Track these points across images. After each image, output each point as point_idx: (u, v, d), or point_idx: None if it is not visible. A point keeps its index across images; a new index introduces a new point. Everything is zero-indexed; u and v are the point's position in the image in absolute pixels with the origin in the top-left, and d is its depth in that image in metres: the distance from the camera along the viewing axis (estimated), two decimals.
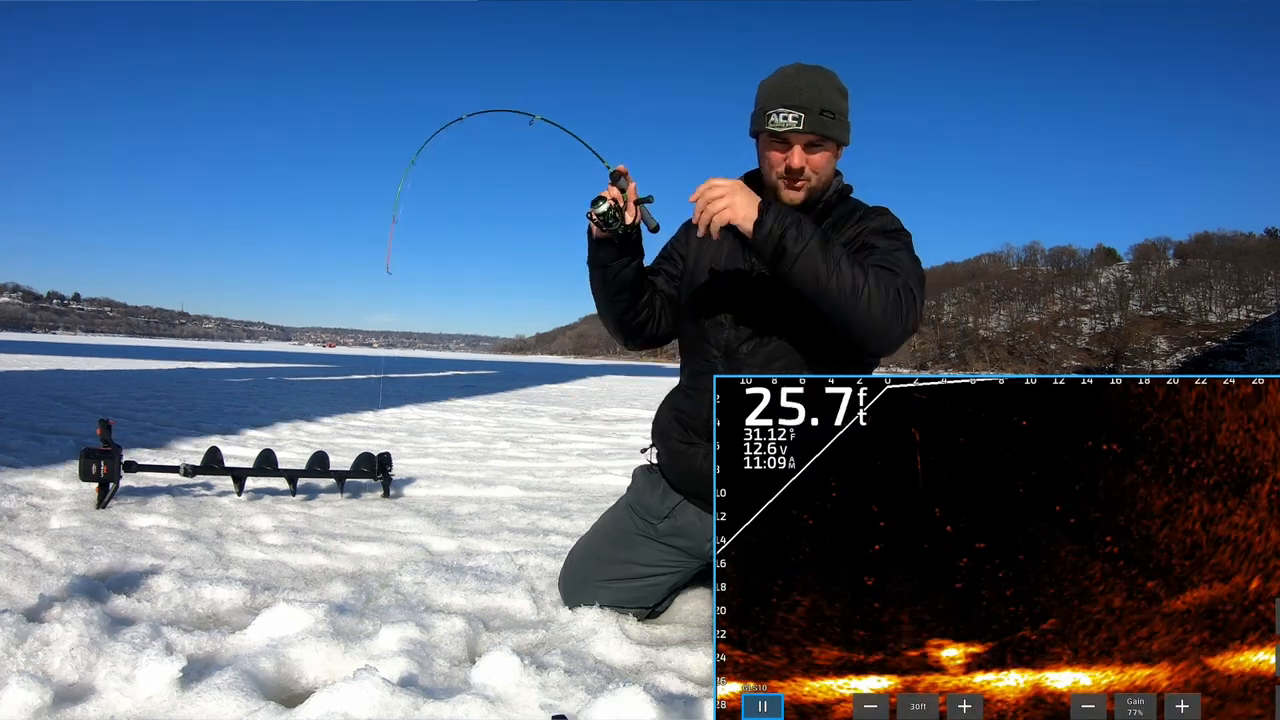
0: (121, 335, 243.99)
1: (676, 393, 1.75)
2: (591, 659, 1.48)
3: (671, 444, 1.70)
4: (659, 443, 1.76)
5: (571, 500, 3.27)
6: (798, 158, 1.52)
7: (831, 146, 1.55)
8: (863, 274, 1.35)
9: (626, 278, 1.64)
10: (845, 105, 1.55)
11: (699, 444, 1.63)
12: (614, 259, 1.61)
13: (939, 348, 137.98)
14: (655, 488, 1.74)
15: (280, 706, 1.18)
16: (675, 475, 1.70)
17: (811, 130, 1.50)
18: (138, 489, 2.96)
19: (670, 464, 1.71)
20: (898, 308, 1.36)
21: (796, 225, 1.36)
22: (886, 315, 1.35)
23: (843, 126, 1.55)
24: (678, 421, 1.70)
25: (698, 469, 1.63)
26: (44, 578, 1.80)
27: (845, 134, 1.56)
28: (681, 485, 1.69)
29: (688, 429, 1.66)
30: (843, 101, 1.54)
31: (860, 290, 1.33)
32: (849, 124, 1.57)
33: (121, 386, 9.24)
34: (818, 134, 1.50)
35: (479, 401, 9.85)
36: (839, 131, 1.54)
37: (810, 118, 1.49)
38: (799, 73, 1.53)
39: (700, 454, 1.62)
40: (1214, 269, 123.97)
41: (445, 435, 5.76)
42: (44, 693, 1.15)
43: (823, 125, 1.50)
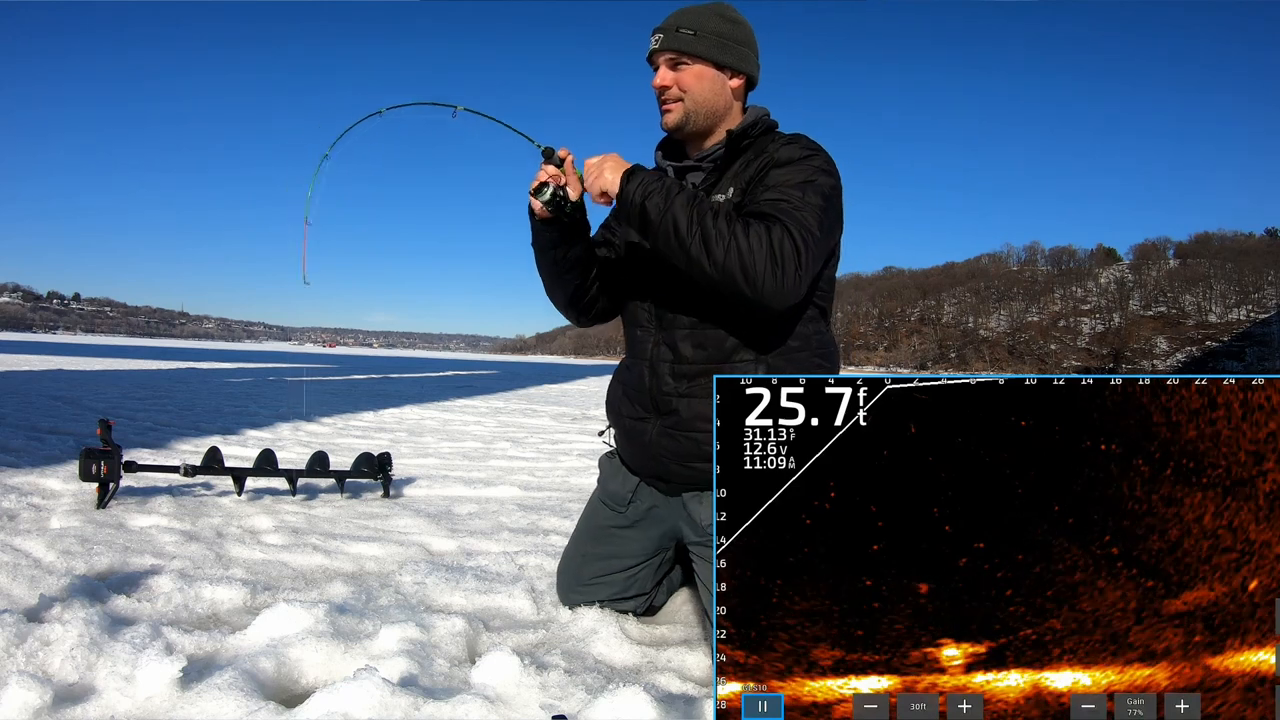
0: (121, 335, 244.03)
1: (621, 366, 1.69)
2: (591, 659, 1.49)
3: (624, 421, 1.63)
4: (614, 422, 1.70)
5: (571, 500, 3.27)
6: (660, 77, 1.50)
7: (703, 65, 1.49)
8: (728, 229, 1.28)
9: (575, 256, 1.58)
10: (724, 28, 1.50)
11: (648, 418, 1.56)
12: (561, 240, 1.55)
13: (939, 348, 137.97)
14: (617, 474, 1.70)
15: (280, 706, 1.18)
16: (630, 455, 1.64)
17: (668, 47, 1.48)
18: (138, 489, 2.96)
19: (625, 444, 1.65)
20: (771, 264, 1.27)
21: (660, 190, 1.33)
22: (753, 273, 1.27)
23: (713, 44, 1.49)
24: (625, 396, 1.63)
25: (650, 444, 1.55)
26: (44, 578, 1.80)
27: (720, 54, 1.49)
28: (637, 466, 1.63)
29: (635, 403, 1.59)
30: (717, 23, 1.49)
31: (724, 248, 1.27)
32: (733, 48, 1.51)
33: (121, 386, 9.24)
34: (674, 50, 1.48)
35: (479, 401, 9.85)
36: (705, 49, 1.48)
37: (668, 35, 1.48)
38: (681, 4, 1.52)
39: (651, 429, 1.55)
40: (1214, 269, 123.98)
41: (445, 435, 5.76)
42: (44, 693, 1.15)
43: (679, 41, 1.47)
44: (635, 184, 1.36)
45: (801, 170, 1.40)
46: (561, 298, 1.66)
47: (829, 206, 1.38)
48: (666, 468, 1.55)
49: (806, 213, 1.33)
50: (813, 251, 1.32)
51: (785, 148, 1.45)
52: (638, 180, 1.36)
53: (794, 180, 1.38)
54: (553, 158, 1.50)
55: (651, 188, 1.34)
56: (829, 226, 1.39)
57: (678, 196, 1.33)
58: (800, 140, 1.48)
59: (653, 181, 1.36)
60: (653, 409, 1.55)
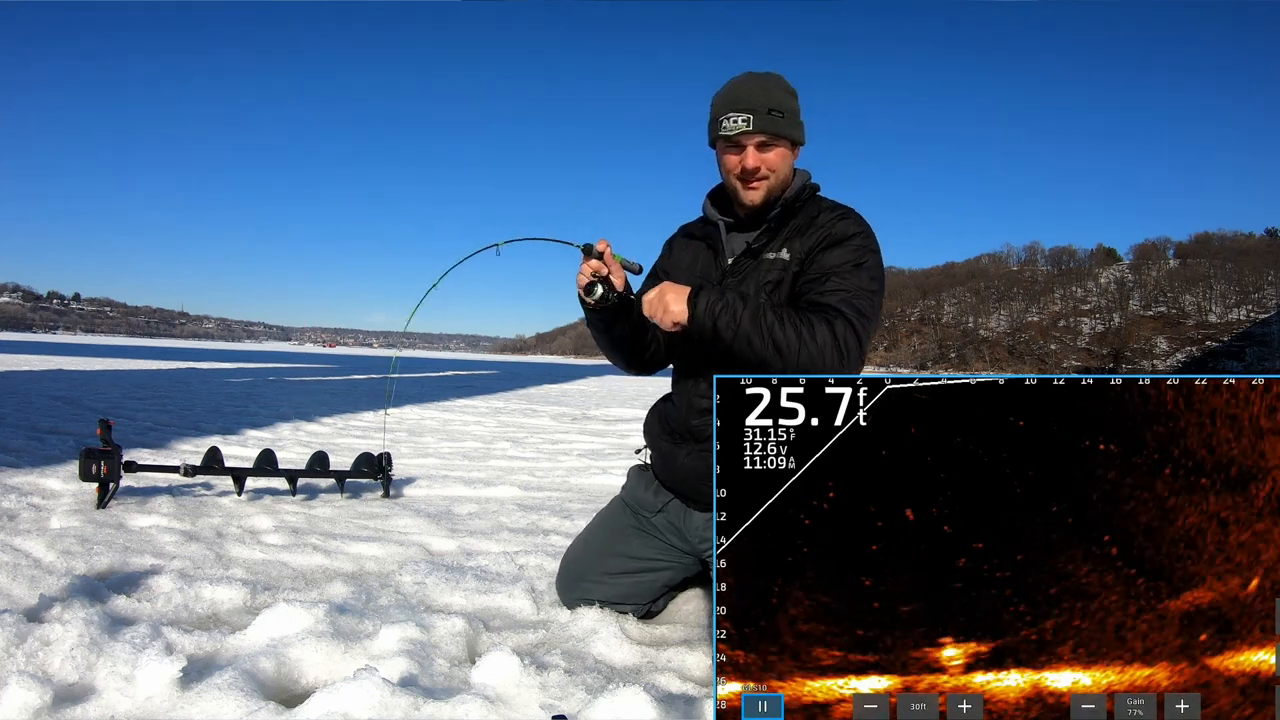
0: (121, 335, 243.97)
1: (664, 397, 1.81)
2: (591, 659, 1.49)
3: (660, 445, 1.74)
4: (650, 444, 1.81)
5: (571, 500, 3.27)
6: (751, 158, 1.55)
7: (785, 145, 1.57)
8: (795, 335, 1.40)
9: (628, 330, 1.70)
10: (794, 105, 1.58)
11: (682, 445, 1.67)
12: (615, 320, 1.66)
13: (939, 348, 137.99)
14: (649, 485, 1.77)
15: (280, 706, 1.18)
16: (665, 475, 1.74)
17: (761, 129, 1.53)
18: (138, 489, 2.96)
19: (660, 465, 1.75)
20: (837, 356, 1.41)
21: (727, 309, 1.42)
22: (824, 366, 1.41)
23: (793, 124, 1.57)
24: (660, 425, 1.76)
25: (681, 467, 1.66)
26: (44, 578, 1.80)
27: (797, 132, 1.58)
28: (671, 484, 1.73)
29: (668, 431, 1.71)
30: (791, 101, 1.57)
31: (795, 352, 1.40)
32: (801, 123, 1.60)
33: (121, 386, 9.24)
34: (767, 132, 1.54)
35: (479, 401, 9.85)
36: (790, 129, 1.56)
37: (759, 117, 1.53)
38: (747, 79, 1.58)
39: (683, 453, 1.66)
40: (1214, 269, 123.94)
41: (445, 435, 5.77)
42: (44, 693, 1.15)
43: (772, 124, 1.54)
44: (703, 309, 1.44)
45: (852, 251, 1.53)
46: (621, 361, 1.80)
47: (877, 286, 1.53)
48: (696, 488, 1.65)
49: (862, 300, 1.47)
50: (869, 332, 1.47)
51: (839, 224, 1.57)
52: (704, 305, 1.44)
53: (848, 263, 1.51)
54: (592, 252, 1.59)
55: (719, 309, 1.43)
56: (878, 304, 1.53)
57: (744, 314, 1.42)
58: (849, 217, 1.59)
59: (717, 301, 1.43)
60: (687, 436, 1.66)
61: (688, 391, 1.66)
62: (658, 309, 1.49)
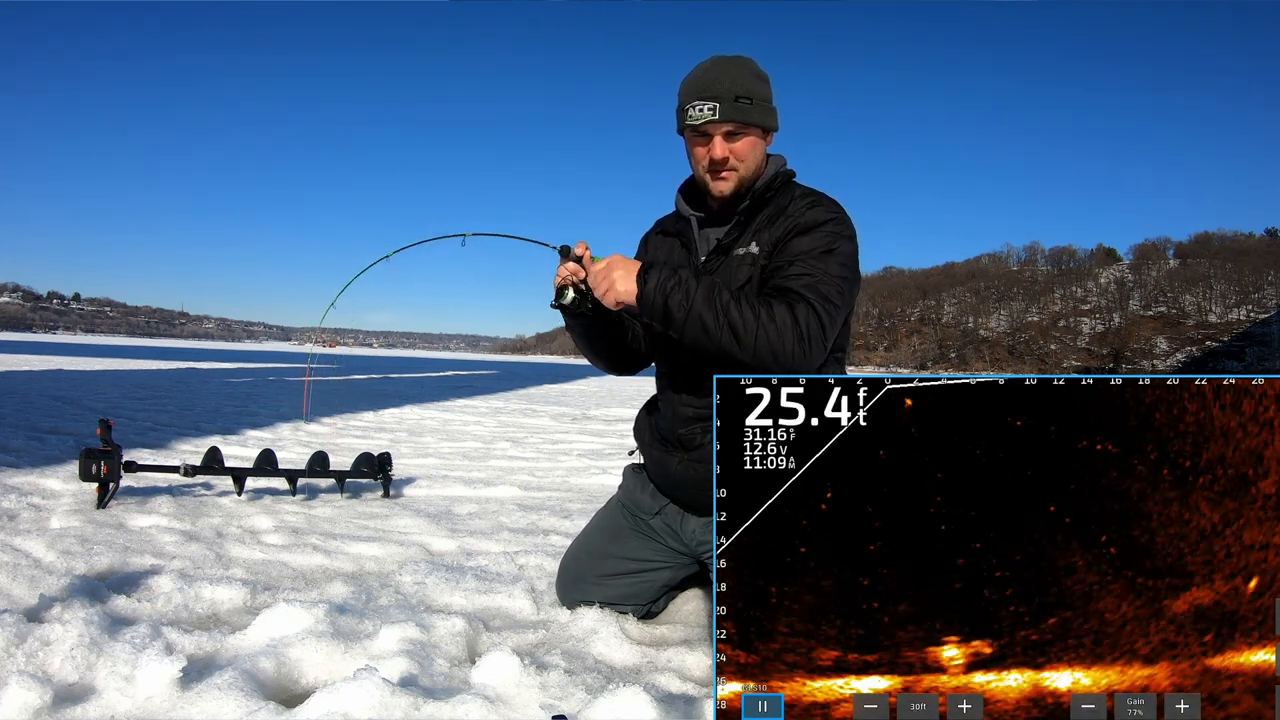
0: (121, 335, 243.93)
1: (650, 401, 1.77)
2: (591, 659, 1.49)
3: (652, 452, 1.71)
4: (642, 449, 1.79)
5: (571, 500, 3.27)
6: (719, 148, 1.48)
7: (755, 132, 1.50)
8: (753, 315, 1.32)
9: (607, 331, 1.66)
10: (765, 90, 1.51)
11: (674, 453, 1.63)
12: (593, 324, 1.63)
13: (939, 348, 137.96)
14: (645, 487, 1.75)
15: (280, 706, 1.18)
16: (660, 481, 1.71)
17: (728, 118, 1.46)
18: (138, 489, 2.96)
19: (654, 470, 1.72)
20: (797, 340, 1.32)
21: (680, 287, 1.34)
22: (783, 351, 1.32)
23: (763, 111, 1.50)
24: (650, 430, 1.73)
25: (674, 475, 1.63)
26: (44, 578, 1.80)
27: (768, 119, 1.51)
28: (666, 491, 1.71)
29: (663, 440, 1.67)
30: (761, 86, 1.50)
31: (752, 334, 1.31)
32: (773, 109, 1.53)
33: (121, 386, 9.24)
34: (735, 121, 1.47)
35: (479, 401, 9.85)
36: (759, 116, 1.49)
37: (726, 105, 1.45)
38: (713, 64, 1.49)
39: (675, 461, 1.62)
40: (1214, 269, 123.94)
41: (445, 435, 5.76)
42: (44, 693, 1.15)
43: (740, 111, 1.46)
44: (652, 286, 1.35)
45: (822, 237, 1.45)
46: (603, 364, 1.75)
47: (848, 274, 1.45)
48: (691, 496, 1.63)
49: (828, 286, 1.39)
50: (835, 320, 1.39)
51: (809, 211, 1.48)
52: (654, 282, 1.36)
53: (816, 249, 1.43)
54: (569, 255, 1.52)
55: (670, 285, 1.35)
56: (849, 292, 1.45)
57: (698, 292, 1.34)
58: (822, 203, 1.51)
59: (669, 278, 1.35)
60: (676, 445, 1.62)
61: (671, 401, 1.62)
62: (603, 284, 1.41)
